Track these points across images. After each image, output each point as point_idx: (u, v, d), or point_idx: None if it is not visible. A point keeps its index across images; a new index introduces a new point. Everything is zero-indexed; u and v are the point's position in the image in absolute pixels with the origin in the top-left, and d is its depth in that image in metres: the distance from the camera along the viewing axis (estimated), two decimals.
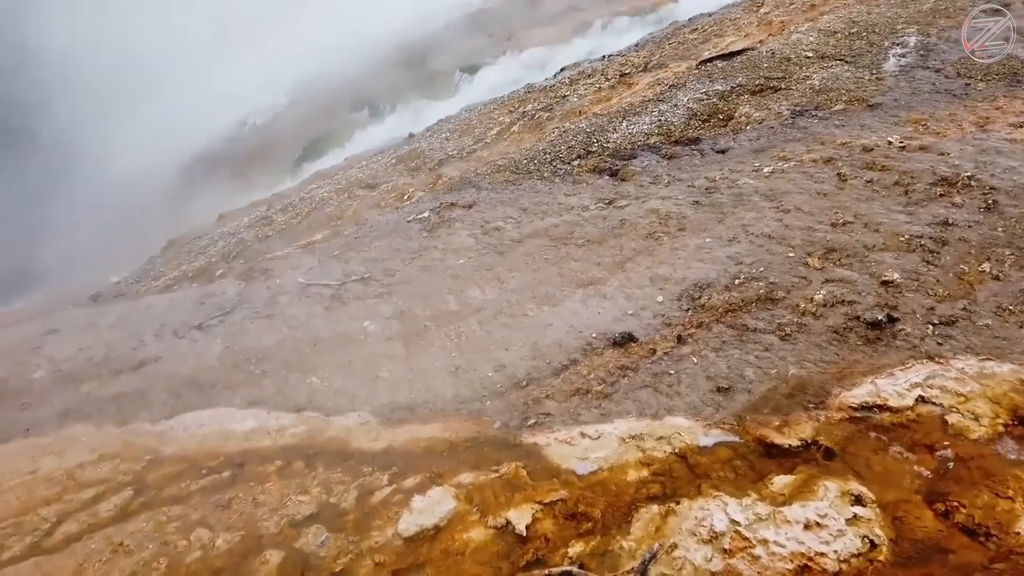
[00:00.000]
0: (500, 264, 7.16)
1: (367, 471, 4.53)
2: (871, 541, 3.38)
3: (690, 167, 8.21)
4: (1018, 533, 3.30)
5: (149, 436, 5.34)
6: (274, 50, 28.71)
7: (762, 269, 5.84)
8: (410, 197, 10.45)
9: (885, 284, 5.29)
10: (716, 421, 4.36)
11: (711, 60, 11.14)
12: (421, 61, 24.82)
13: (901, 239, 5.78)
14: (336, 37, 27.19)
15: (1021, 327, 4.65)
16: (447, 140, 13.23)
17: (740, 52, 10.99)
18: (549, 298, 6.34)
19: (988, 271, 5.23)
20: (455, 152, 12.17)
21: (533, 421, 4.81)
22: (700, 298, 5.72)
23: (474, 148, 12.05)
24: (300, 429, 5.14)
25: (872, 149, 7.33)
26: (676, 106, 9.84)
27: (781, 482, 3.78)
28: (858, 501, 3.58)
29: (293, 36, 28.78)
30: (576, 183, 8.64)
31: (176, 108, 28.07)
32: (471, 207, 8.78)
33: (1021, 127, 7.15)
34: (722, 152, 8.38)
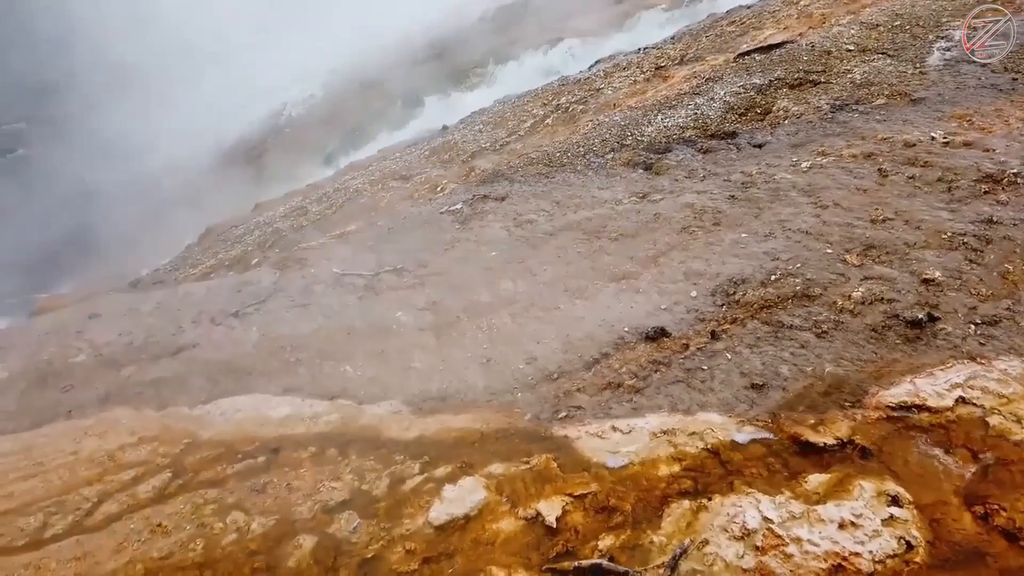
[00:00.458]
0: (532, 257, 7.16)
1: (399, 459, 4.58)
2: (907, 542, 3.33)
3: (726, 161, 8.11)
4: None
5: (187, 420, 5.45)
6: (311, 42, 28.94)
7: (799, 265, 5.76)
8: (443, 189, 10.49)
9: (926, 282, 5.18)
10: (750, 418, 4.32)
11: (749, 53, 10.98)
12: (456, 53, 24.82)
13: (943, 237, 5.66)
14: (372, 29, 27.32)
15: None
16: (480, 132, 13.23)
17: (779, 45, 10.81)
18: (581, 291, 6.33)
19: None
20: (488, 144, 12.18)
21: (564, 414, 4.81)
22: (735, 294, 5.66)
23: (507, 140, 12.05)
24: (334, 417, 5.21)
25: (914, 145, 7.18)
26: (713, 99, 9.73)
27: (816, 480, 3.74)
28: (895, 502, 3.52)
29: (330, 28, 28.98)
30: (610, 176, 8.60)
31: (215, 98, 28.49)
32: (504, 199, 8.79)
33: None
34: (759, 146, 8.27)
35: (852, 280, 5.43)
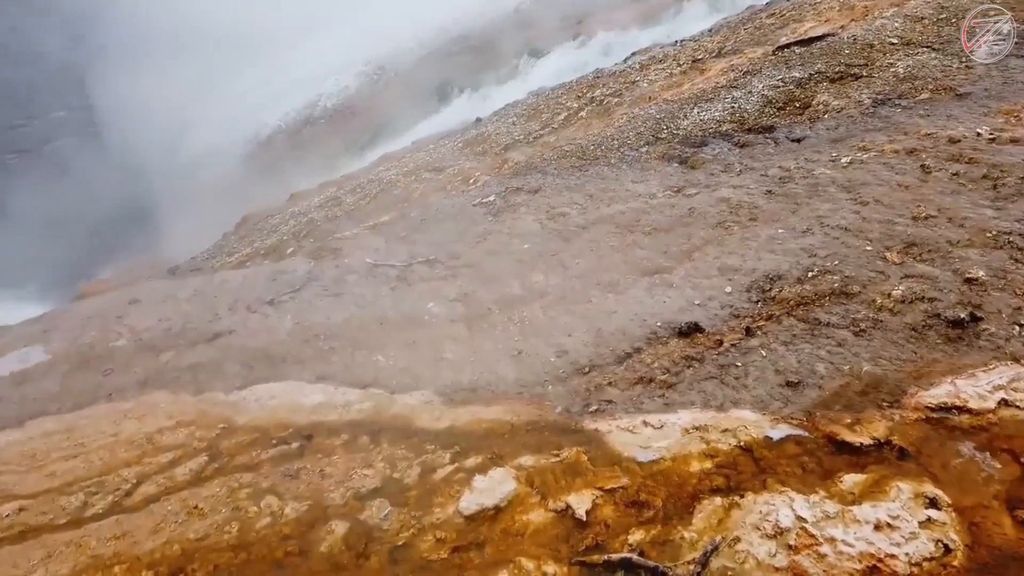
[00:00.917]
0: (565, 250, 7.14)
1: (430, 449, 4.61)
2: (945, 545, 3.26)
3: (763, 156, 8.00)
4: None
5: (223, 405, 5.55)
6: (346, 34, 29.15)
7: (837, 262, 5.66)
8: (476, 181, 10.50)
9: (969, 282, 5.05)
10: (784, 416, 4.27)
11: (789, 46, 10.79)
12: (490, 45, 24.82)
13: (988, 235, 5.51)
14: (407, 21, 27.44)
15: None
16: (514, 125, 13.22)
17: (820, 38, 10.60)
18: (614, 285, 6.30)
19: None
20: (522, 137, 12.16)
21: (595, 408, 4.80)
22: (770, 290, 5.58)
23: (541, 133, 12.01)
24: (366, 405, 5.26)
25: (959, 140, 7.00)
26: (750, 93, 9.59)
27: (851, 480, 3.68)
28: (933, 504, 3.46)
29: (365, 20, 29.16)
30: (644, 170, 8.53)
31: (251, 89, 28.86)
32: (537, 192, 8.78)
33: None
34: (798, 141, 8.13)
35: (892, 278, 5.32)
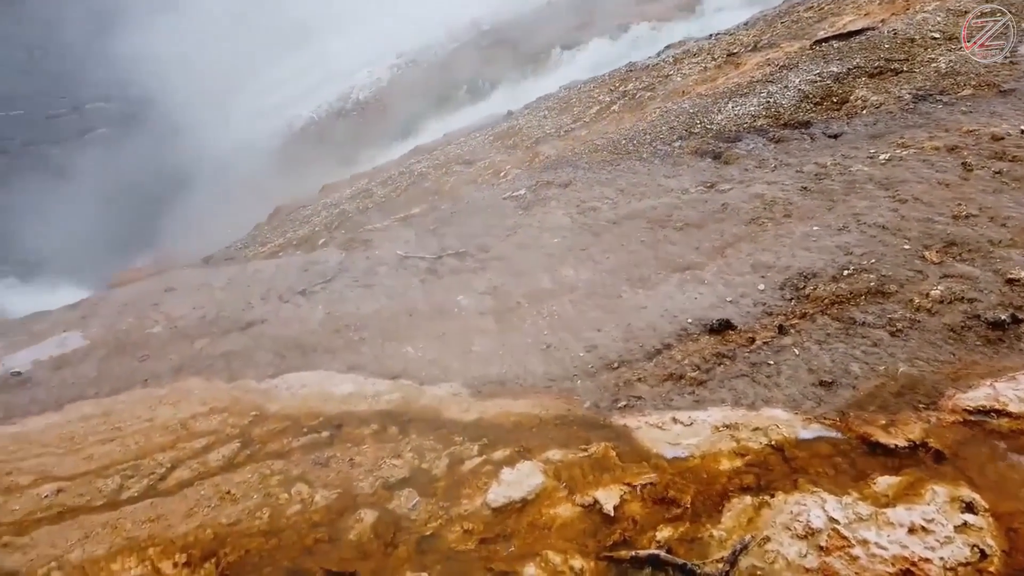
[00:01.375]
0: (595, 244, 7.11)
1: (458, 440, 4.63)
2: (981, 551, 3.20)
3: (799, 151, 7.87)
4: None
5: (255, 393, 5.62)
6: (379, 27, 29.27)
7: (874, 261, 5.55)
8: (506, 174, 10.50)
9: (1011, 282, 4.93)
10: (817, 415, 4.21)
11: (827, 40, 10.60)
12: (522, 38, 24.74)
13: None
14: (439, 14, 27.48)
15: None
16: (545, 118, 13.18)
17: (859, 32, 10.40)
18: (644, 281, 6.26)
19: None
20: (553, 130, 12.12)
21: (624, 403, 4.78)
22: (804, 288, 5.50)
23: (572, 127, 11.96)
24: (395, 396, 5.30)
25: (1002, 138, 6.82)
26: (786, 88, 9.44)
27: (885, 483, 3.62)
28: (969, 508, 3.39)
29: (397, 13, 29.26)
30: (676, 165, 8.45)
31: (286, 81, 29.15)
32: (567, 186, 8.74)
33: None
34: (834, 137, 7.99)
35: (931, 278, 5.21)
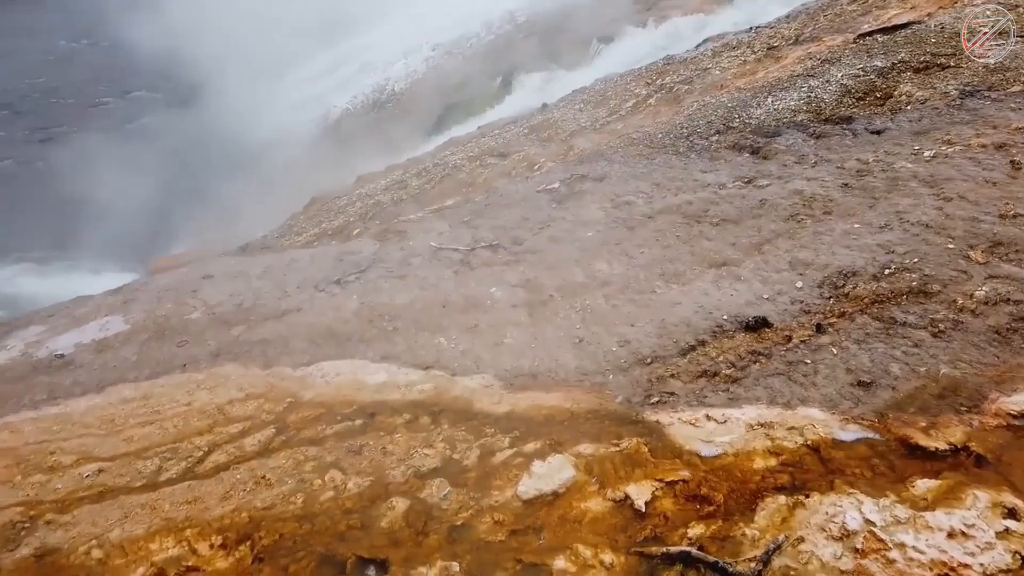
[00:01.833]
0: (629, 239, 7.06)
1: (489, 432, 4.64)
2: (1023, 558, 3.12)
3: (840, 147, 7.72)
4: None
5: (290, 380, 5.70)
6: (415, 19, 29.39)
7: (916, 260, 5.43)
8: (540, 167, 10.47)
9: None
10: (854, 416, 4.14)
11: (871, 34, 10.37)
12: (558, 30, 24.60)
13: None
14: (475, 5, 27.48)
15: None
16: (580, 111, 13.11)
17: (904, 26, 10.16)
18: (679, 276, 6.20)
19: None
20: (588, 124, 12.06)
21: (656, 399, 4.75)
22: (844, 286, 5.41)
23: (608, 120, 11.88)
24: (427, 386, 5.33)
25: None
26: (828, 82, 9.26)
27: (924, 486, 3.55)
28: (1011, 514, 3.30)
29: (434, 5, 29.34)
30: (713, 159, 8.35)
31: (323, 73, 29.42)
32: (602, 180, 8.69)
33: None
34: (877, 133, 7.82)
35: (975, 278, 5.08)
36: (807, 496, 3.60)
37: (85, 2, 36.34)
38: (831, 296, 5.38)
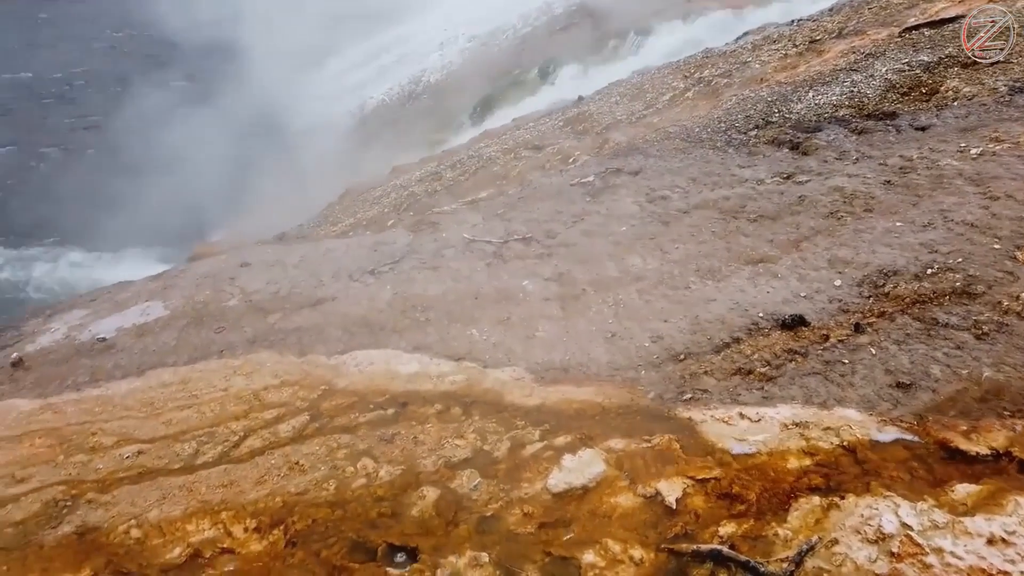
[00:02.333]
0: (664, 234, 7.00)
1: (520, 424, 4.65)
2: None
3: (883, 144, 7.56)
4: None
5: (324, 368, 5.77)
6: (453, 9, 29.42)
7: (960, 260, 5.30)
8: (575, 160, 10.43)
9: None
10: (893, 418, 4.06)
11: (917, 28, 10.11)
12: (595, 22, 24.42)
13: None
14: None
15: None
16: (617, 104, 13.01)
17: (952, 20, 9.88)
18: (714, 272, 6.14)
19: None
20: (624, 117, 11.97)
21: (689, 396, 4.71)
22: (884, 285, 5.30)
23: (644, 113, 11.79)
24: (459, 377, 5.36)
25: None
26: (872, 76, 9.07)
27: (964, 491, 3.47)
28: None
29: None
30: (752, 154, 8.23)
31: (359, 64, 29.62)
32: (637, 174, 8.62)
33: None
34: (922, 129, 7.64)
35: (1022, 279, 4.94)
36: (842, 498, 3.55)
37: None
38: (871, 295, 5.28)
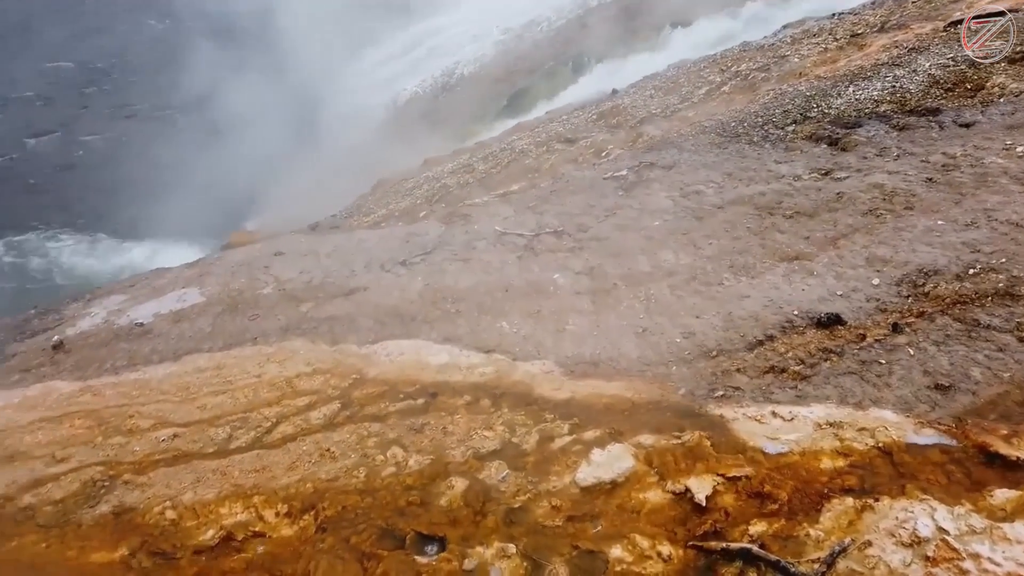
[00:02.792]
0: (697, 229, 6.93)
1: (549, 418, 4.65)
2: None
3: (925, 140, 7.38)
4: None
5: (355, 357, 5.82)
6: (485, 2, 29.33)
7: (1004, 260, 5.17)
8: (608, 154, 10.35)
9: None
10: (930, 420, 3.98)
11: (963, 22, 9.84)
12: (630, 14, 24.17)
13: None
14: None
15: None
16: (651, 98, 12.88)
17: (999, 14, 9.60)
18: (748, 269, 6.07)
19: None
20: (658, 110, 11.84)
21: (720, 393, 4.67)
22: (924, 285, 5.19)
23: (679, 107, 11.65)
24: (489, 369, 5.37)
25: None
26: (915, 72, 8.86)
27: (1003, 496, 3.39)
28: None
29: None
30: (789, 150, 8.10)
31: (393, 56, 29.70)
32: (671, 168, 8.54)
33: None
34: (966, 126, 7.44)
35: None
36: (876, 500, 3.49)
37: None
38: (909, 295, 5.17)
